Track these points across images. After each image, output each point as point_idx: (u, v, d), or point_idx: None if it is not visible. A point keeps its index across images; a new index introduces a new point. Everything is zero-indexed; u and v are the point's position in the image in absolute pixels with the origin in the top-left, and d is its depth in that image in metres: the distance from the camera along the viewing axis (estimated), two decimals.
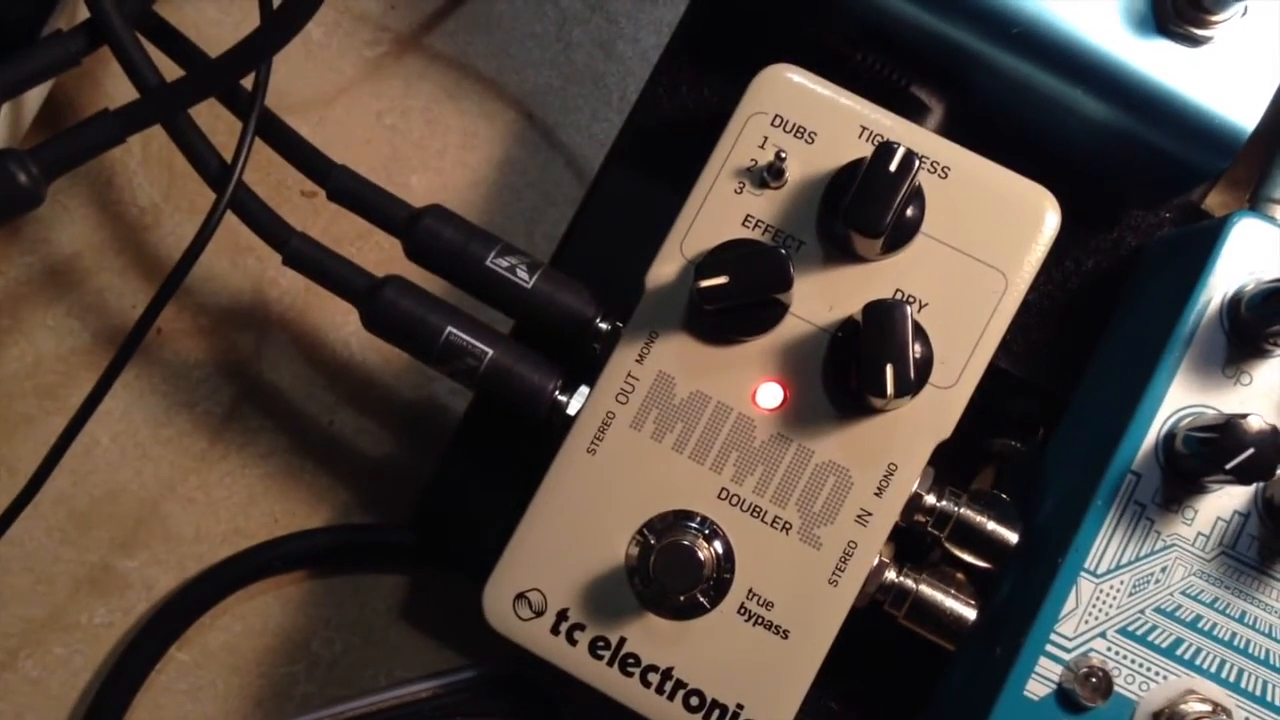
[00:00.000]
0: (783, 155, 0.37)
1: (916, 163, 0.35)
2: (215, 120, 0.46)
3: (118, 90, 0.50)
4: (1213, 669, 0.36)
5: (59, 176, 0.41)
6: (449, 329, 0.40)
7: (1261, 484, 0.36)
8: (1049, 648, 0.36)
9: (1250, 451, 0.33)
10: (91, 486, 0.49)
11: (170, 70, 0.42)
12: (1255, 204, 0.40)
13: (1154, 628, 0.36)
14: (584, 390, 0.39)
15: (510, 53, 0.51)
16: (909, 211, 0.37)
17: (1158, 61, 0.37)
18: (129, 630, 0.48)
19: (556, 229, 0.50)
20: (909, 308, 0.35)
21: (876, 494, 0.37)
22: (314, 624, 0.48)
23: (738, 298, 0.36)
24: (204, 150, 0.42)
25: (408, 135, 0.51)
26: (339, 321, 0.50)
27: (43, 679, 0.48)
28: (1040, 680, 0.36)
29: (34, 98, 0.46)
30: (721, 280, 0.36)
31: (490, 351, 0.40)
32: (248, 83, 0.42)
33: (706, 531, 0.37)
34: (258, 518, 0.49)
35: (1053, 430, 0.42)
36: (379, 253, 0.50)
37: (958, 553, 0.39)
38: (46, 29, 0.43)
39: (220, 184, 0.41)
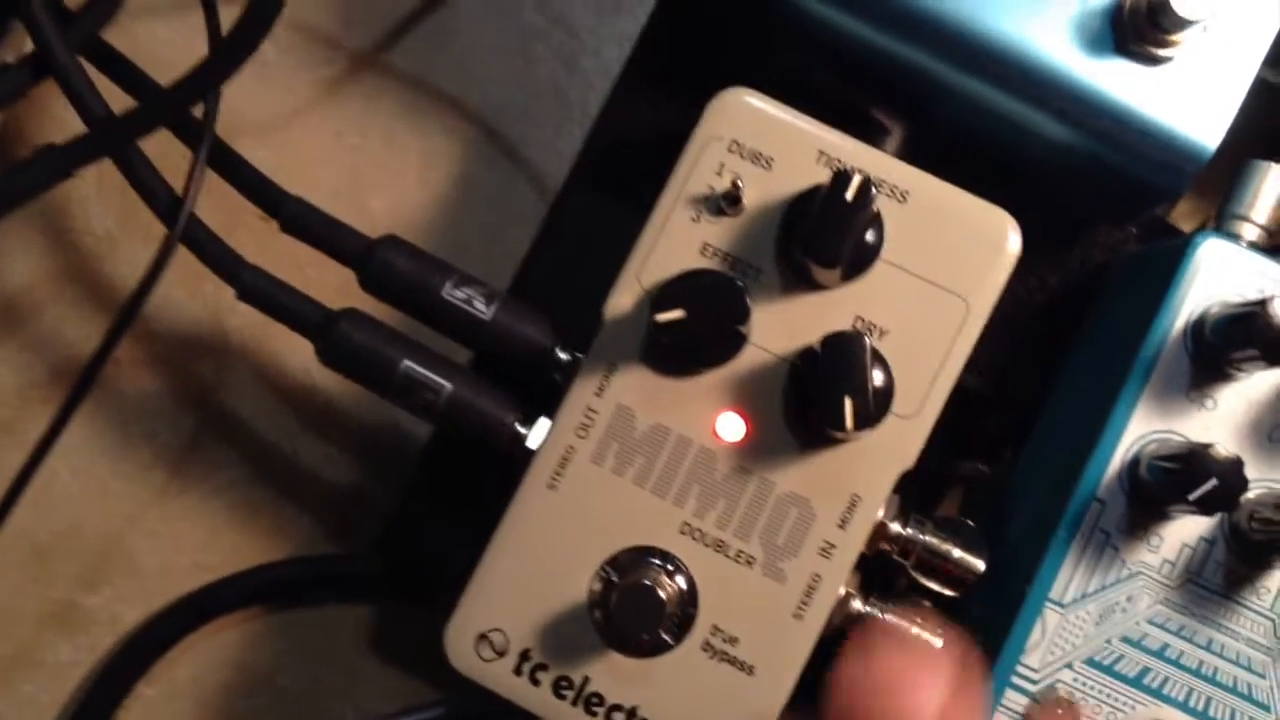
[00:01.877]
0: (739, 184, 0.36)
1: (873, 190, 0.34)
2: (169, 145, 0.45)
3: (71, 117, 0.49)
4: (1180, 697, 0.36)
5: (5, 215, 0.40)
6: (405, 362, 0.39)
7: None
8: (1015, 679, 0.36)
9: (1213, 483, 0.33)
10: (53, 521, 0.48)
11: (119, 99, 0.41)
12: (1220, 223, 0.39)
13: (1121, 657, 0.36)
14: (545, 422, 0.39)
15: (471, 69, 0.51)
16: (867, 238, 0.36)
17: (1117, 81, 0.37)
18: (95, 667, 0.47)
19: (519, 248, 0.49)
20: (868, 339, 0.34)
21: (840, 526, 0.36)
22: (279, 657, 0.48)
23: (695, 330, 0.35)
24: (154, 184, 0.41)
25: (368, 155, 0.50)
26: (299, 348, 0.48)
27: (10, 717, 0.47)
28: (1006, 713, 0.36)
29: None
30: (678, 314, 0.35)
31: (448, 385, 0.39)
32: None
33: (669, 568, 0.36)
34: (221, 551, 0.48)
35: (1019, 451, 0.42)
36: (340, 276, 0.48)
37: (924, 581, 0.38)
38: None
39: (171, 218, 0.41)
